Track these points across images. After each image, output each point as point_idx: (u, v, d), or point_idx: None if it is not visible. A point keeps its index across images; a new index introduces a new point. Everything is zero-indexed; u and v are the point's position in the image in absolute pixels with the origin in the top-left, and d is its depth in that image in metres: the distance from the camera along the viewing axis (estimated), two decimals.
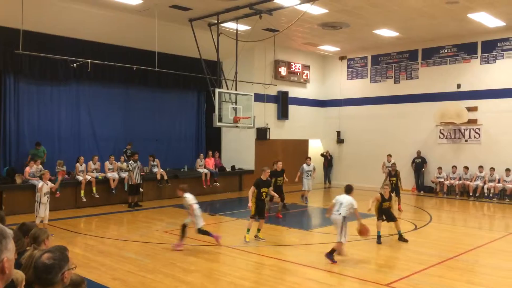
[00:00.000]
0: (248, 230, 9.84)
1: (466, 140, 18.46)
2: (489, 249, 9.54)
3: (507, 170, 16.79)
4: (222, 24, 15.37)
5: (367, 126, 21.26)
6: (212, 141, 20.23)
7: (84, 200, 14.17)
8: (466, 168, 17.89)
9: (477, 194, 17.27)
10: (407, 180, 19.68)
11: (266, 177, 10.07)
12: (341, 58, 22.44)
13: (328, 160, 22.11)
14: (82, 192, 14.18)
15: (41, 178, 10.59)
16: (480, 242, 10.04)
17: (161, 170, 16.29)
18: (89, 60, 13.90)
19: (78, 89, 16.24)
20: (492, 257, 8.98)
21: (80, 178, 14.28)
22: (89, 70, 13.93)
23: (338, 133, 22.35)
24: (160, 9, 14.41)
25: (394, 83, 20.68)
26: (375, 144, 20.75)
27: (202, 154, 18.32)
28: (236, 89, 15.12)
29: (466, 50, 18.53)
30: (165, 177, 16.14)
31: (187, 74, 17.32)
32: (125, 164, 15.41)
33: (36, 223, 9.20)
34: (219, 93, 14.16)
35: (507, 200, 16.60)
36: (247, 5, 13.80)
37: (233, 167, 19.26)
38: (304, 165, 15.22)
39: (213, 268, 8.12)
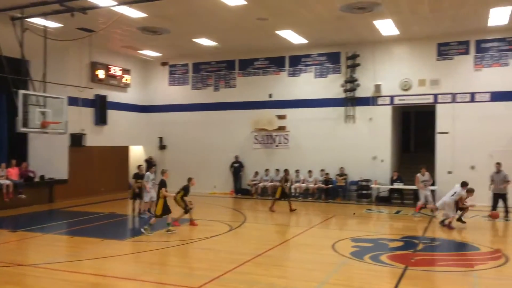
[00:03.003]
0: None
1: (277, 145, 20.24)
2: (293, 244, 10.57)
3: (309, 171, 18.98)
4: (28, 19, 13.82)
5: (189, 132, 21.64)
6: (17, 148, 18.00)
7: None
8: (277, 170, 19.61)
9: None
10: (226, 183, 20.76)
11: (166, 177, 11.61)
12: (163, 64, 22.40)
13: (152, 166, 21.70)
14: None
15: None
16: (287, 237, 11.06)
17: None
18: None
19: None
20: (296, 250, 9.97)
21: None
22: None
23: (161, 139, 22.23)
24: None
25: (214, 90, 21.51)
26: (197, 150, 21.28)
27: (3, 164, 16.12)
28: (44, 91, 13.74)
29: (276, 63, 20.36)
30: None
31: None
32: None
33: None
34: (24, 95, 12.68)
35: (310, 198, 18.71)
36: (56, 0, 12.70)
37: (42, 177, 17.46)
38: (148, 173, 14.65)
39: None
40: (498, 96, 16.80)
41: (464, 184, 12.87)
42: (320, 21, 15.48)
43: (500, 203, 14.02)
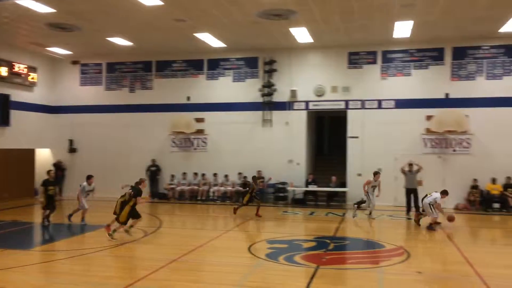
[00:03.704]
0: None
1: (195, 149, 20.09)
2: (210, 248, 10.53)
3: (226, 176, 19.10)
4: None
5: (102, 134, 20.74)
6: None
7: None
8: (195, 174, 19.46)
9: (203, 198, 19.00)
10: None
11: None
12: (74, 63, 21.29)
13: (61, 170, 20.55)
14: None
15: None
16: (203, 242, 10.98)
17: None
18: None
19: None
20: (212, 254, 9.94)
21: None
22: None
23: (71, 141, 21.07)
24: None
25: (129, 92, 20.85)
26: (111, 153, 20.47)
27: None
28: None
29: (194, 66, 20.22)
30: None
31: None
32: None
33: None
34: None
35: (228, 201, 18.80)
36: None
37: None
38: (85, 184, 13.62)
39: None
40: (401, 104, 18.12)
41: (444, 193, 13.19)
42: (237, 25, 15.66)
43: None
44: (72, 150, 21.05)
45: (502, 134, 17.05)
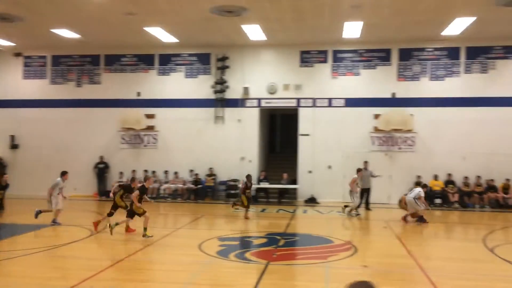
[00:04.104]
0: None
1: (145, 145, 19.70)
2: (159, 246, 10.36)
3: (175, 173, 18.92)
4: None
5: (47, 130, 19.91)
6: None
7: None
8: (146, 171, 19.09)
9: (154, 195, 18.67)
10: (89, 185, 19.58)
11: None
12: (17, 55, 20.31)
13: (2, 167, 19.54)
14: None
15: None
16: (152, 240, 10.78)
17: None
18: None
19: None
20: (161, 252, 9.79)
21: None
22: None
23: (12, 137, 20.07)
24: None
25: (76, 86, 20.14)
26: (56, 149, 19.71)
27: None
28: None
29: (145, 61, 19.80)
30: None
31: None
32: None
33: None
34: None
35: (179, 199, 18.60)
36: None
37: None
38: (59, 180, 12.84)
39: None
40: (351, 102, 18.60)
41: (424, 186, 14.10)
42: (189, 21, 15.49)
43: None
44: (13, 146, 20.07)
45: (443, 133, 17.89)
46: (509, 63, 17.79)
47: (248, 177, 14.54)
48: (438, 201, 17.43)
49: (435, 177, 17.82)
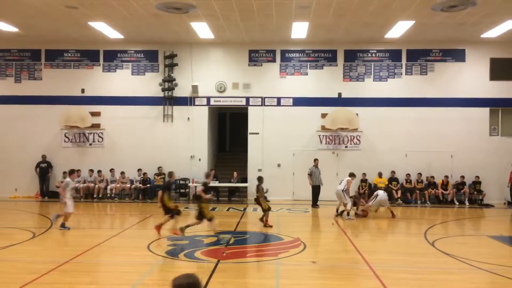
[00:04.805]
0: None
1: (90, 144, 19.05)
2: (106, 247, 10.06)
3: (122, 173, 18.43)
4: None
5: None
6: None
7: None
8: (91, 171, 18.47)
9: (100, 196, 18.11)
10: (31, 186, 18.71)
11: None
12: None
13: None
14: None
15: None
16: (99, 241, 10.45)
17: None
18: None
19: None
20: (109, 254, 9.52)
21: None
22: None
23: None
24: None
25: (15, 82, 19.14)
26: None
27: None
28: None
29: (89, 57, 19.14)
30: None
31: None
32: None
33: None
34: None
35: (127, 199, 18.16)
36: None
37: None
38: (69, 180, 12.01)
39: None
40: (299, 102, 18.91)
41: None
42: (136, 17, 15.12)
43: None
44: None
45: (387, 131, 18.60)
46: (446, 66, 18.77)
47: (260, 179, 13.62)
48: None
49: (380, 175, 18.49)
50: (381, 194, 14.51)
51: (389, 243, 11.27)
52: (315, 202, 16.60)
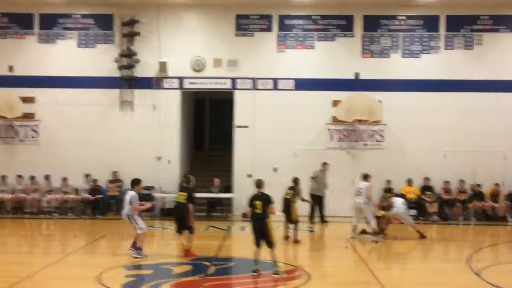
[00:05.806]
0: None
1: (21, 140, 19.00)
2: (41, 278, 9.98)
3: (65, 179, 18.44)
4: None
5: None
6: None
7: None
8: (20, 176, 18.39)
9: (34, 210, 18.02)
10: None
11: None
12: None
13: None
14: None
15: None
16: (33, 270, 10.38)
17: None
18: None
19: None
20: (46, 287, 9.46)
21: None
22: None
23: None
24: None
25: None
26: None
27: None
28: None
29: (20, 23, 19.13)
30: None
31: None
32: None
33: None
34: None
35: (70, 214, 18.09)
36: None
37: None
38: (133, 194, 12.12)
39: None
40: (302, 84, 18.95)
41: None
42: None
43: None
44: None
45: (419, 125, 18.63)
46: (498, 37, 18.87)
47: (296, 180, 14.56)
48: (412, 212, 18.03)
49: (409, 182, 18.56)
50: (399, 203, 14.37)
51: (420, 272, 11.29)
52: (318, 217, 16.52)
